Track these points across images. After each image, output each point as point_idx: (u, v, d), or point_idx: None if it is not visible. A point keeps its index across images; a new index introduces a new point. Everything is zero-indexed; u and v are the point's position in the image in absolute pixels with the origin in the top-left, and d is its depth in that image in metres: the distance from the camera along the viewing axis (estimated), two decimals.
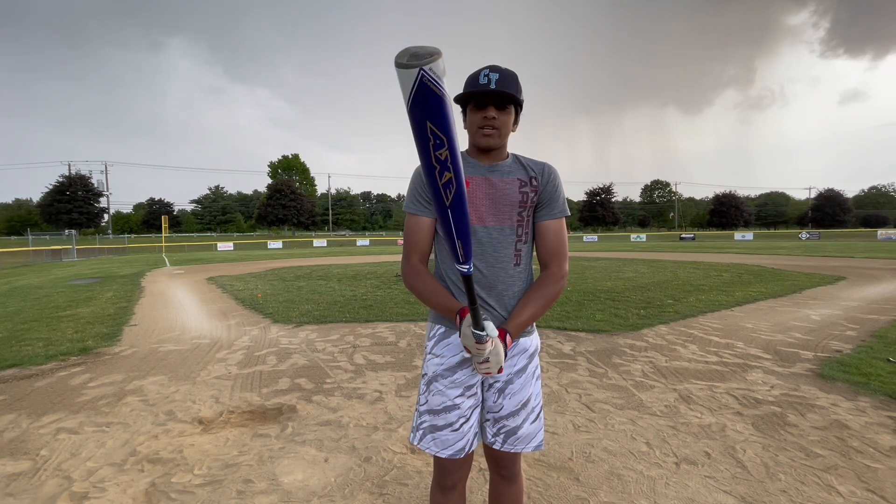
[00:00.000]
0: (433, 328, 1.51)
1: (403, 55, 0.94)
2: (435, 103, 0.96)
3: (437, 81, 0.93)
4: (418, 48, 0.95)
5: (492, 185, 1.42)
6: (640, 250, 27.91)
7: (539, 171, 1.46)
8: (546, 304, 1.41)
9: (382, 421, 3.12)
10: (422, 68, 0.91)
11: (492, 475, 1.61)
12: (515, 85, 1.37)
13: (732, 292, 8.61)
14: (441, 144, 1.01)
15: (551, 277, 1.43)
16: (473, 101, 1.37)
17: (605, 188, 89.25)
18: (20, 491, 2.33)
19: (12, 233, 77.19)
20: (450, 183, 1.06)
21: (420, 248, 1.46)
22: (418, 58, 0.92)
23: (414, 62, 0.92)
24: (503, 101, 1.35)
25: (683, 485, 2.31)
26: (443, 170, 1.05)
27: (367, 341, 5.37)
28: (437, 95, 0.94)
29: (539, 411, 1.52)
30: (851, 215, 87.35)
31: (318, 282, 11.60)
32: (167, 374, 4.24)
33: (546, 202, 1.46)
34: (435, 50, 0.93)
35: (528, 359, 1.49)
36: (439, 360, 1.46)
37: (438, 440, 1.45)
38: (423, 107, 0.97)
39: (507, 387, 1.47)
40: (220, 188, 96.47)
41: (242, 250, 39.94)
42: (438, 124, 0.98)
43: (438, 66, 0.93)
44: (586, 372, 4.09)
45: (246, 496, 2.27)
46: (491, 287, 1.43)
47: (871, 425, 2.92)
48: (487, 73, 1.34)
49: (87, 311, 7.70)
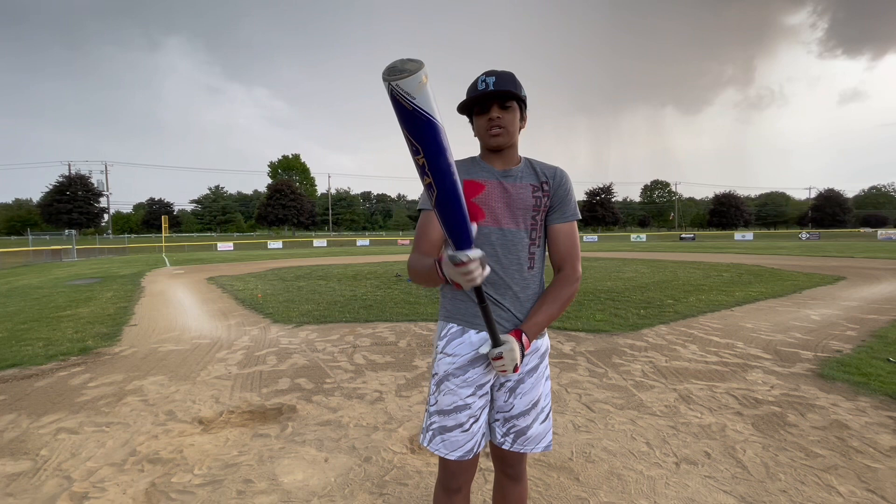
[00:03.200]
0: (445, 326, 1.51)
1: (385, 69, 1.01)
2: (405, 115, 1.03)
3: (406, 95, 0.99)
4: (402, 63, 1.00)
5: (506, 191, 1.44)
6: (640, 250, 27.91)
7: (551, 176, 1.49)
8: (562, 305, 1.43)
9: (382, 421, 3.12)
10: (390, 83, 0.98)
11: (497, 474, 1.61)
12: (514, 83, 1.40)
13: (732, 292, 8.61)
14: (417, 151, 1.08)
15: (565, 280, 1.45)
16: (477, 107, 1.41)
17: (605, 188, 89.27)
18: (20, 491, 2.33)
19: (12, 233, 77.21)
20: (430, 187, 1.12)
21: (429, 241, 1.46)
22: (392, 72, 0.99)
23: (385, 76, 0.99)
24: (504, 99, 1.39)
25: (683, 485, 2.31)
26: (422, 174, 1.12)
27: (367, 341, 5.37)
28: (406, 109, 1.01)
29: (548, 412, 1.54)
30: (851, 215, 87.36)
31: (318, 282, 11.60)
32: (167, 374, 4.24)
33: (558, 206, 1.48)
34: (412, 67, 0.99)
35: (539, 358, 1.50)
36: (451, 360, 1.46)
37: (448, 442, 1.45)
38: (399, 117, 1.05)
39: (519, 386, 1.47)
40: (220, 188, 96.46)
41: (242, 250, 39.94)
42: (410, 133, 1.06)
43: (410, 81, 0.98)
44: (586, 372, 4.09)
45: (246, 496, 2.27)
46: (507, 288, 1.44)
47: (871, 425, 2.92)
48: (485, 79, 1.39)
49: (87, 311, 7.71)
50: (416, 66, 0.99)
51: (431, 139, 1.06)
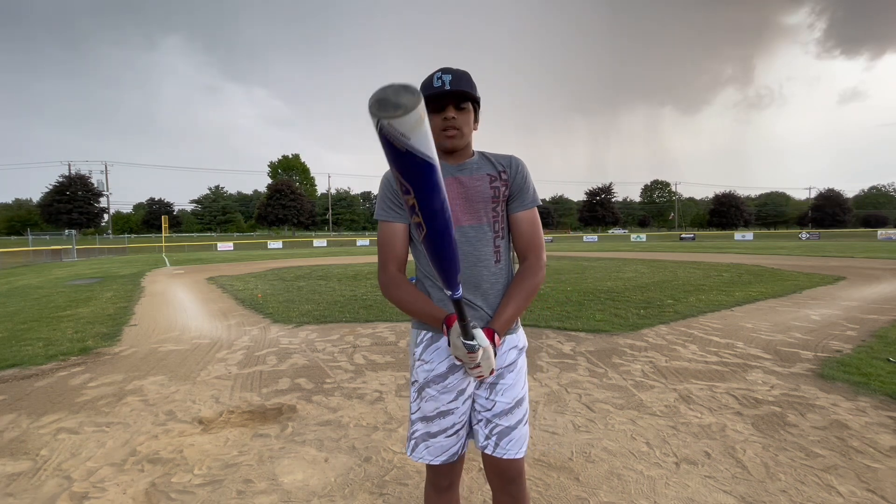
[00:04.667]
0: (419, 334, 1.49)
1: (372, 98, 0.82)
2: (397, 156, 0.88)
3: (400, 136, 0.83)
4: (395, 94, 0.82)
5: (462, 185, 1.42)
6: (640, 250, 27.91)
7: (507, 164, 1.46)
8: (528, 296, 1.40)
9: (382, 421, 3.12)
10: (380, 120, 0.82)
11: (496, 496, 1.51)
12: (469, 83, 1.37)
13: (732, 292, 8.60)
14: (407, 191, 0.95)
15: (530, 270, 1.43)
16: (431, 105, 1.35)
17: (605, 188, 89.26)
18: (20, 491, 2.33)
19: (12, 233, 77.21)
20: (419, 226, 1.03)
21: (396, 256, 1.43)
22: (383, 107, 0.81)
23: (374, 111, 0.81)
24: (460, 100, 1.36)
25: (683, 485, 2.31)
26: (411, 213, 1.01)
27: (367, 341, 5.37)
28: (398, 150, 0.86)
29: (527, 413, 1.50)
30: (851, 215, 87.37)
31: (318, 282, 11.60)
32: (167, 374, 4.24)
33: (517, 194, 1.46)
34: (407, 102, 0.81)
35: (518, 353, 1.47)
36: (429, 367, 1.44)
37: (432, 447, 1.44)
38: (388, 157, 0.90)
39: (499, 381, 1.44)
40: (220, 188, 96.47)
41: (242, 250, 39.94)
42: (401, 174, 0.92)
43: (406, 121, 0.81)
44: (586, 372, 4.09)
45: (246, 496, 2.27)
46: (476, 287, 1.42)
47: (871, 425, 2.92)
48: (441, 76, 1.34)
49: (87, 311, 7.70)
50: (412, 102, 0.81)
51: (426, 181, 0.93)
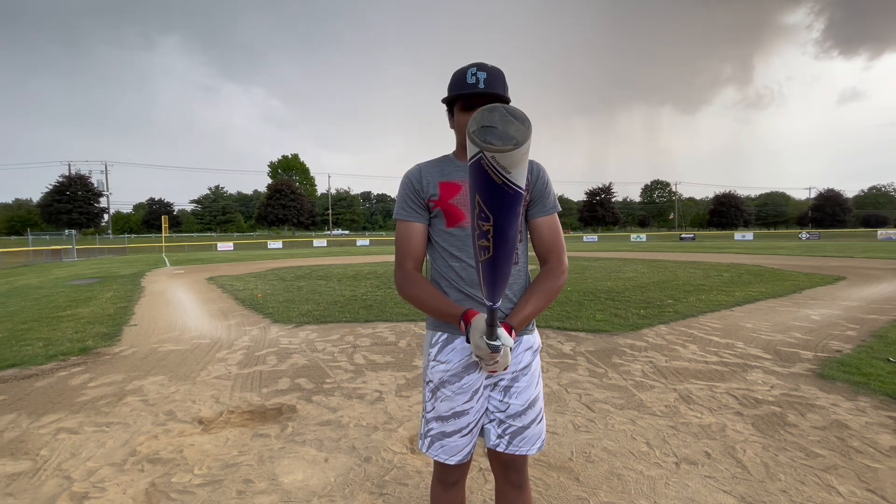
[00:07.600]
0: (434, 335, 1.50)
1: (475, 121, 0.78)
2: (489, 186, 0.86)
3: (501, 170, 0.81)
4: (504, 123, 0.78)
5: None
6: (640, 250, 27.90)
7: (528, 170, 1.46)
8: (548, 298, 1.41)
9: (382, 421, 3.12)
10: (483, 152, 0.79)
11: (499, 484, 1.54)
12: (503, 84, 1.35)
13: (732, 292, 8.60)
14: (486, 219, 0.95)
15: (552, 272, 1.43)
16: (461, 102, 1.35)
17: (604, 188, 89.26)
18: (20, 491, 2.33)
19: (12, 233, 77.20)
20: (486, 249, 1.04)
21: (414, 255, 1.45)
22: (490, 137, 0.78)
23: (480, 140, 0.78)
24: (492, 102, 1.32)
25: (683, 485, 2.31)
26: (481, 235, 1.02)
27: (367, 341, 5.37)
28: (493, 181, 0.84)
29: (542, 411, 1.52)
30: (851, 215, 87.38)
31: (318, 282, 11.60)
32: (167, 374, 4.24)
33: (538, 199, 1.46)
34: (519, 135, 0.78)
35: (532, 355, 1.49)
36: (445, 367, 1.44)
37: (447, 447, 1.45)
38: (477, 184, 0.88)
39: (513, 384, 1.45)
40: (220, 188, 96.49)
41: (242, 250, 39.93)
42: (486, 202, 0.92)
43: (513, 156, 0.78)
44: (586, 372, 4.09)
45: (246, 496, 2.27)
46: None
47: (871, 425, 2.92)
48: (475, 72, 1.31)
49: (87, 311, 7.70)
50: (523, 135, 0.78)
51: (509, 210, 0.93)
